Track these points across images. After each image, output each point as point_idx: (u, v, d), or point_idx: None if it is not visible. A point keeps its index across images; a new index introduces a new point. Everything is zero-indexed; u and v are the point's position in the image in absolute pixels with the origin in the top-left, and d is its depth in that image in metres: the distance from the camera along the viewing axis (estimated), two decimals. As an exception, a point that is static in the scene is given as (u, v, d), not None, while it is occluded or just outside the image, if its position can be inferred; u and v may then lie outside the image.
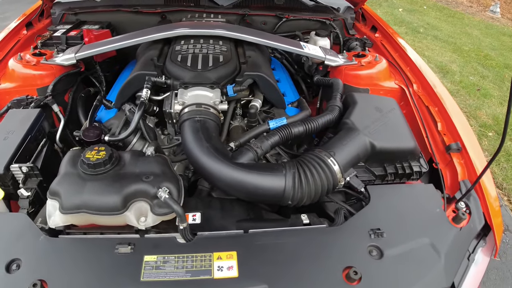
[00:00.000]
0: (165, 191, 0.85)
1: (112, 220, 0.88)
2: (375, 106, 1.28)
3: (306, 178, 0.95)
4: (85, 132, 1.09)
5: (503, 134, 0.89)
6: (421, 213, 1.05)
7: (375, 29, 2.11)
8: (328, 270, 0.84)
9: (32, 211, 1.08)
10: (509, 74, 4.55)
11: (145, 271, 0.79)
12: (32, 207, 1.09)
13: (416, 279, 0.86)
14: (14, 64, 1.46)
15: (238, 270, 0.80)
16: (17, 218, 0.95)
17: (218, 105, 1.12)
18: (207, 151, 0.96)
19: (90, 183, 0.88)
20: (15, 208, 1.16)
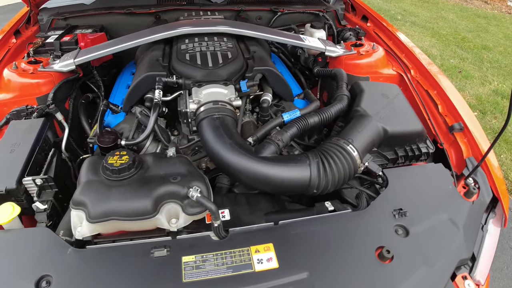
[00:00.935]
0: (196, 190, 0.86)
1: (143, 225, 0.88)
2: (382, 93, 1.34)
3: (329, 166, 0.98)
4: (101, 137, 1.08)
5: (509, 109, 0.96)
6: (435, 191, 1.12)
7: (366, 19, 2.17)
8: (361, 252, 0.88)
9: (50, 224, 1.07)
10: (487, 55, 4.78)
11: (185, 271, 0.80)
12: (50, 220, 1.07)
13: (441, 252, 0.92)
14: (9, 73, 1.41)
15: (277, 261, 0.83)
16: (40, 233, 0.93)
17: (233, 101, 1.14)
18: (231, 148, 0.98)
19: (116, 189, 0.87)
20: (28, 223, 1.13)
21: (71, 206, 0.88)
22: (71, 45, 1.62)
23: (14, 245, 0.89)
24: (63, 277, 0.80)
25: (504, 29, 5.78)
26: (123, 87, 1.51)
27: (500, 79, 4.08)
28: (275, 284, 0.78)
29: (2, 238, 0.91)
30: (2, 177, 1.05)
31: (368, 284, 0.82)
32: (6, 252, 0.87)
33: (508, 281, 1.97)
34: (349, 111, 1.26)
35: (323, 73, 1.64)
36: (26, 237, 0.92)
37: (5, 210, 0.97)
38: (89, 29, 1.72)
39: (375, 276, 0.84)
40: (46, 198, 1.09)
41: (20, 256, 0.86)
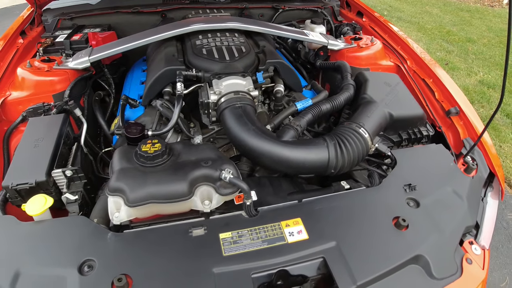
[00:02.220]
0: (228, 172, 0.94)
1: (178, 207, 0.96)
2: (384, 81, 1.45)
3: (345, 147, 1.09)
4: (128, 129, 1.15)
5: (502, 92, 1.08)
6: (438, 168, 1.24)
7: (361, 14, 2.30)
8: (380, 222, 0.99)
9: (81, 214, 1.11)
10: (472, 47, 5.02)
11: (224, 246, 0.88)
12: (80, 210, 1.13)
13: (450, 220, 1.04)
14: (24, 72, 1.45)
15: (307, 233, 0.92)
16: (78, 221, 0.99)
17: (251, 91, 1.23)
18: (255, 133, 1.07)
19: (152, 174, 0.94)
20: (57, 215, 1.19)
21: (107, 193, 0.93)
22: (81, 44, 1.68)
23: (53, 234, 0.94)
24: (106, 260, 0.85)
25: (487, 22, 6.06)
26: (136, 83, 1.58)
27: (485, 70, 4.31)
28: (308, 253, 0.87)
29: (41, 227, 0.96)
30: (31, 171, 1.09)
31: (388, 249, 0.92)
32: (47, 241, 0.92)
33: (504, 259, 2.13)
34: (356, 99, 1.37)
35: (326, 65, 1.74)
36: (64, 225, 0.98)
37: (37, 201, 1.01)
38: (97, 28, 1.77)
39: (393, 242, 0.94)
40: (76, 189, 1.15)
41: (61, 244, 0.91)
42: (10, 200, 1.10)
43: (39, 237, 0.93)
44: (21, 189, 1.06)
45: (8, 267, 0.84)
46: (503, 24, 5.96)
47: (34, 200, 1.01)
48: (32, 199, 1.02)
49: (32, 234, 0.94)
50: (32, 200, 1.01)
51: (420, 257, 0.92)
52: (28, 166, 1.11)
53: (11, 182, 1.05)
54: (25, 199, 1.09)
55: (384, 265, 0.88)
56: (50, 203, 1.01)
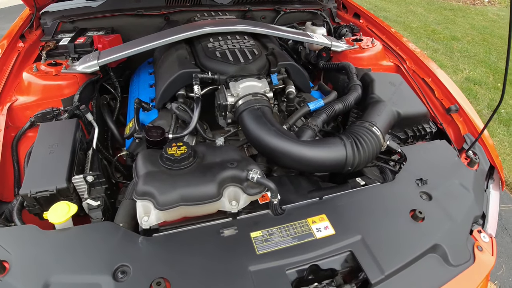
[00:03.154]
0: (256, 173, 0.98)
1: (207, 209, 0.98)
2: (389, 81, 1.53)
3: (361, 145, 1.15)
4: (149, 132, 1.17)
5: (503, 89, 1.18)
6: (444, 163, 1.32)
7: (357, 16, 2.39)
8: (398, 215, 1.06)
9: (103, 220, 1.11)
10: (456, 45, 5.25)
11: (257, 245, 0.92)
12: (103, 215, 1.13)
13: (460, 210, 1.12)
14: (30, 76, 1.44)
15: (333, 228, 0.98)
16: (105, 227, 0.99)
17: (267, 93, 1.28)
18: (276, 134, 1.12)
19: (181, 177, 0.96)
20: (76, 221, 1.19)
21: (135, 197, 0.94)
22: (85, 47, 1.68)
23: (81, 241, 0.93)
24: (140, 264, 0.86)
25: (470, 20, 6.35)
26: (145, 86, 1.59)
27: (471, 67, 4.52)
28: (336, 247, 0.93)
29: (67, 235, 0.96)
30: (50, 178, 1.08)
31: (408, 240, 1.00)
32: (75, 248, 0.92)
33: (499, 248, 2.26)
34: (365, 99, 1.44)
35: (329, 66, 1.81)
36: (92, 232, 0.97)
37: (60, 209, 0.99)
38: (100, 31, 1.78)
39: (412, 233, 1.01)
40: (97, 194, 1.15)
41: (91, 251, 0.91)
42: (28, 209, 1.08)
43: (66, 245, 0.92)
44: (41, 197, 1.05)
45: (36, 277, 0.83)
46: (485, 22, 6.26)
47: (56, 208, 0.99)
48: (54, 206, 1.00)
49: (58, 242, 0.93)
50: (55, 207, 0.99)
51: (437, 246, 1.00)
52: (46, 173, 1.10)
53: (29, 190, 1.04)
54: (43, 207, 1.08)
55: (406, 255, 0.95)
56: (74, 210, 0.99)
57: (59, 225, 0.99)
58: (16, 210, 1.08)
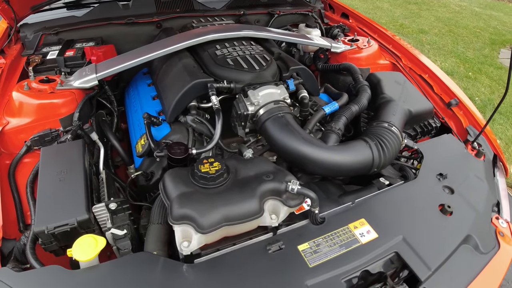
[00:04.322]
0: (295, 184, 0.98)
1: (250, 225, 0.96)
2: (394, 80, 1.61)
3: (385, 146, 1.20)
4: (171, 149, 1.13)
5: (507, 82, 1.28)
6: (455, 156, 1.42)
7: (345, 16, 2.47)
8: (429, 211, 1.12)
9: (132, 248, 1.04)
10: (425, 38, 5.59)
11: (307, 258, 0.93)
12: (131, 244, 1.05)
13: (480, 201, 1.21)
14: (21, 96, 1.34)
15: (375, 231, 1.01)
16: (142, 258, 0.92)
17: (287, 99, 1.29)
18: (305, 141, 1.14)
19: (219, 195, 0.93)
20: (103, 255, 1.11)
21: (171, 222, 0.89)
22: (76, 60, 1.60)
23: (120, 277, 0.87)
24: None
25: (434, 13, 6.77)
26: (147, 99, 1.54)
27: (442, 58, 4.83)
28: (382, 250, 0.97)
29: (100, 273, 0.88)
30: (67, 209, 1.00)
31: (443, 233, 1.06)
32: (118, 284, 0.85)
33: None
34: (375, 99, 1.50)
35: (330, 68, 1.86)
36: (128, 266, 0.90)
37: (86, 243, 0.91)
38: (90, 42, 1.69)
39: (445, 227, 1.08)
40: (122, 222, 1.07)
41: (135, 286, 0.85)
42: (44, 247, 1.00)
43: (102, 285, 0.85)
44: (60, 233, 0.97)
45: None
46: (449, 14, 6.71)
47: (81, 243, 0.90)
48: (78, 242, 0.91)
49: (91, 283, 0.86)
50: (79, 243, 0.90)
51: (469, 237, 1.07)
52: (62, 204, 1.02)
53: (45, 226, 0.95)
54: (61, 243, 1.01)
55: (445, 248, 1.01)
56: (103, 243, 0.90)
57: (86, 262, 0.90)
58: (29, 250, 0.99)
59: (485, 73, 4.34)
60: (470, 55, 4.89)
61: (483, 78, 4.22)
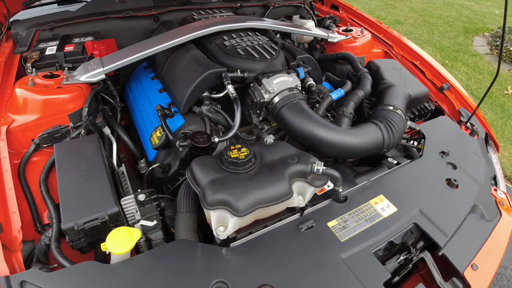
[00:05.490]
0: (320, 165, 1.04)
1: (280, 207, 1.02)
2: (391, 67, 1.71)
3: (394, 127, 1.29)
4: (195, 139, 1.16)
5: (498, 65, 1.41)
6: (452, 135, 1.54)
7: (335, 7, 2.56)
8: (437, 184, 1.23)
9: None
10: (402, 28, 5.83)
11: (337, 233, 1.00)
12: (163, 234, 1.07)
13: (480, 174, 1.33)
14: (26, 92, 1.31)
15: (394, 205, 1.10)
16: (178, 246, 0.95)
17: (299, 86, 1.35)
18: (321, 126, 1.21)
19: (250, 179, 0.98)
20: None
21: (206, 208, 0.92)
22: (77, 55, 1.58)
23: (160, 267, 0.89)
24: (235, 277, 0.86)
25: (408, 3, 7.06)
26: (153, 92, 1.55)
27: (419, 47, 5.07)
28: (402, 222, 1.06)
29: (139, 264, 0.90)
30: (95, 204, 1.01)
31: (453, 204, 1.17)
32: (157, 277, 0.86)
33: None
34: (377, 84, 1.59)
35: (327, 57, 1.94)
36: (166, 255, 0.92)
37: (120, 236, 0.91)
38: (88, 37, 1.67)
39: (453, 198, 1.19)
40: (150, 213, 1.09)
41: (176, 276, 0.87)
42: (71, 244, 1.01)
43: (143, 277, 0.87)
44: (90, 228, 0.98)
45: None
46: (422, 4, 7.01)
47: (115, 236, 0.91)
48: (112, 235, 0.92)
49: (133, 275, 0.87)
50: (113, 236, 0.91)
51: (475, 206, 1.18)
52: (88, 199, 1.03)
53: (74, 222, 0.96)
54: (89, 239, 1.02)
55: (457, 217, 1.12)
56: (138, 235, 0.92)
57: (119, 256, 0.91)
58: (55, 249, 0.99)
59: (461, 60, 4.62)
60: (445, 44, 5.17)
61: (459, 65, 4.48)
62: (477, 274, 0.99)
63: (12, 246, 0.98)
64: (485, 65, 4.52)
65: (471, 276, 0.98)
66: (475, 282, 0.97)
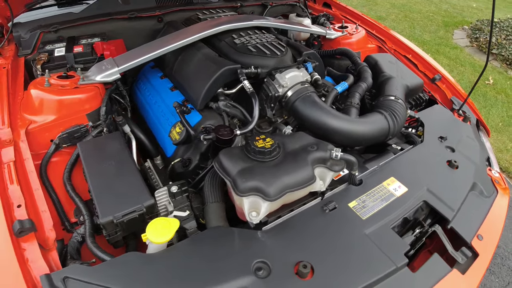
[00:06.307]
0: (338, 151, 1.14)
1: (305, 191, 1.11)
2: (388, 60, 1.84)
3: (397, 116, 1.42)
4: (219, 132, 1.23)
5: (487, 56, 1.56)
6: (446, 122, 1.69)
7: (327, 5, 2.69)
8: (439, 167, 1.36)
9: None
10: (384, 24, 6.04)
11: (359, 212, 1.11)
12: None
13: (476, 156, 1.48)
14: (43, 93, 1.35)
15: (405, 186, 1.22)
16: (216, 232, 1.02)
17: (309, 80, 1.45)
18: (334, 116, 1.31)
19: (277, 167, 1.06)
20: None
21: (239, 195, 0.99)
22: (87, 56, 1.62)
23: (201, 253, 0.95)
24: (273, 256, 0.94)
25: None
26: (165, 91, 1.61)
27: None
28: (413, 200, 1.17)
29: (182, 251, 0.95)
30: (131, 197, 1.06)
31: (455, 182, 1.30)
32: (201, 262, 0.92)
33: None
34: (377, 77, 1.72)
35: (325, 53, 2.05)
36: (205, 242, 0.99)
37: (160, 226, 0.96)
38: (95, 38, 1.71)
39: (455, 178, 1.32)
40: (181, 204, 1.16)
41: (218, 260, 0.93)
42: (108, 238, 1.06)
43: (188, 263, 0.92)
44: (129, 220, 1.04)
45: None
46: (402, 0, 7.27)
47: (154, 226, 0.96)
48: (151, 225, 0.97)
49: (180, 261, 0.92)
50: (152, 227, 0.96)
51: (475, 184, 1.32)
52: (122, 194, 1.08)
53: (113, 216, 1.01)
54: (125, 232, 1.08)
55: (460, 194, 1.25)
56: (177, 224, 0.98)
57: (157, 246, 0.97)
58: (92, 244, 1.05)
59: (442, 53, 4.87)
60: (427, 38, 5.43)
61: (441, 58, 4.73)
62: (482, 244, 1.12)
63: (47, 245, 1.01)
64: (466, 57, 4.79)
65: (477, 245, 1.11)
66: (481, 250, 1.10)
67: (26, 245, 0.95)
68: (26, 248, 0.95)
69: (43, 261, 0.92)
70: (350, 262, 0.96)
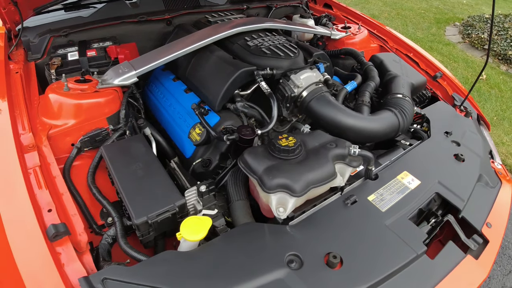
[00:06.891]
0: (355, 147, 1.22)
1: (327, 187, 1.17)
2: (392, 59, 1.93)
3: (406, 113, 1.50)
4: (241, 132, 1.29)
5: (487, 53, 1.67)
6: (450, 117, 1.79)
7: (328, 6, 2.77)
8: (447, 160, 1.45)
9: None
10: (381, 23, 6.19)
11: (378, 205, 1.19)
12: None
13: (480, 149, 1.58)
14: (62, 98, 1.38)
15: (418, 178, 1.31)
16: (248, 228, 1.07)
17: (322, 80, 1.53)
18: (348, 115, 1.39)
19: (301, 164, 1.13)
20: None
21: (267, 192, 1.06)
22: (101, 60, 1.66)
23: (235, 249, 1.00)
24: (304, 249, 1.00)
25: (381, -2, 7.49)
26: (180, 93, 1.66)
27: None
28: (426, 192, 1.26)
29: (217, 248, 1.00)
30: (162, 198, 1.11)
31: (463, 174, 1.39)
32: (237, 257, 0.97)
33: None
34: (383, 76, 1.80)
35: (330, 53, 2.13)
36: (237, 238, 1.04)
37: (193, 224, 1.00)
38: (106, 42, 1.75)
39: (462, 170, 1.41)
40: (209, 203, 1.22)
41: (252, 255, 0.98)
42: (142, 238, 1.10)
43: (221, 257, 0.97)
44: (162, 220, 1.08)
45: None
46: (394, -2, 7.45)
47: (188, 225, 1.00)
48: (185, 224, 1.01)
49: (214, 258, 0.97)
50: (186, 225, 1.00)
51: (481, 176, 1.42)
52: (153, 195, 1.13)
53: (147, 216, 1.06)
54: (157, 232, 1.12)
55: (469, 184, 1.34)
56: (210, 222, 1.02)
57: (189, 244, 1.01)
58: (126, 245, 1.08)
59: (436, 50, 5.02)
60: (420, 35, 5.58)
61: (435, 55, 4.88)
62: (492, 231, 1.22)
63: (80, 247, 1.03)
64: (459, 53, 4.96)
65: (487, 233, 1.20)
66: (491, 237, 1.20)
67: (61, 249, 0.97)
68: (61, 252, 0.96)
69: (79, 264, 0.94)
70: (375, 251, 1.04)
